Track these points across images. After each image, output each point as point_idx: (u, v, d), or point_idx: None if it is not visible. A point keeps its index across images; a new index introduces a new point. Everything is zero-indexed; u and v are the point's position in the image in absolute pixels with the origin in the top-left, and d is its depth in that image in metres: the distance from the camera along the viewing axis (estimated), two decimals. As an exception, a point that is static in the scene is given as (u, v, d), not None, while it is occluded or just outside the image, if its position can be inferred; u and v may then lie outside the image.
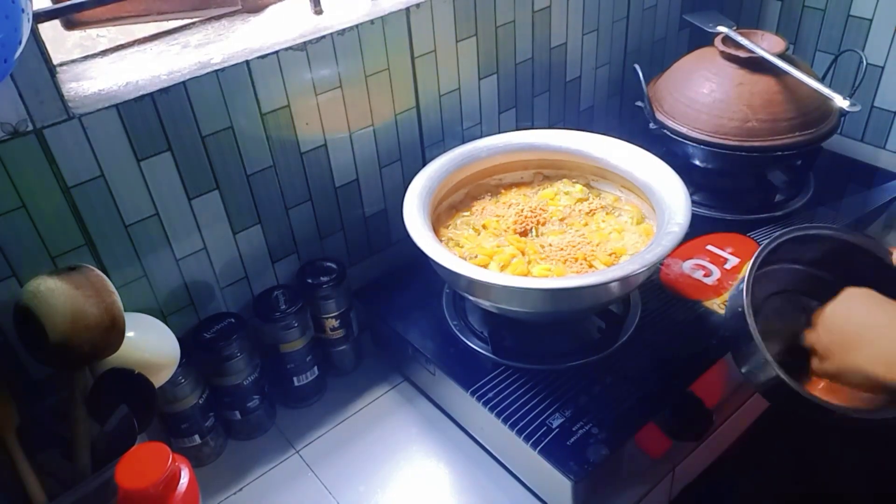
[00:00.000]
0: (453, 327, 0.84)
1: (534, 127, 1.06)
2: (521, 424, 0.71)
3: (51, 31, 0.71)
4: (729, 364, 0.79)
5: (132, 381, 0.62)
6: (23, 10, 0.48)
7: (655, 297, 0.85)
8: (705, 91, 0.96)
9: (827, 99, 0.90)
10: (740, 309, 0.65)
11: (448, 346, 0.82)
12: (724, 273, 0.88)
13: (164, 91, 0.69)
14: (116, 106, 0.66)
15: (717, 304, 0.83)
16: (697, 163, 0.99)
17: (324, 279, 0.84)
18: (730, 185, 1.02)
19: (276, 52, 0.75)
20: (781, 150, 0.92)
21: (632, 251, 0.79)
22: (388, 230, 0.96)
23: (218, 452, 0.82)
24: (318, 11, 0.82)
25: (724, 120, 0.93)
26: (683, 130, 0.96)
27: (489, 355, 0.79)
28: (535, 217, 0.85)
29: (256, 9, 0.84)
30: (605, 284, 0.70)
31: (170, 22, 0.81)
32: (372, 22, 0.81)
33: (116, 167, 0.69)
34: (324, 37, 0.78)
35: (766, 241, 0.70)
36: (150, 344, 0.68)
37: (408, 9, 0.83)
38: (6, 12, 0.47)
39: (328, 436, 0.84)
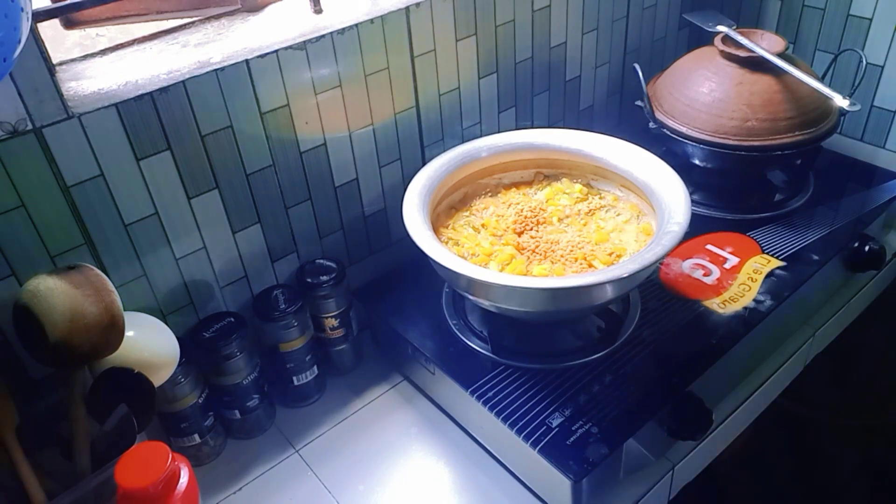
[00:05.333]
0: (453, 327, 0.84)
1: (533, 126, 1.07)
2: (521, 424, 0.71)
3: (50, 31, 0.71)
4: (729, 363, 0.79)
5: (132, 381, 0.62)
6: (22, 9, 0.48)
7: (655, 296, 0.85)
8: (705, 90, 0.96)
9: (827, 98, 0.90)
10: None
11: (448, 345, 0.82)
12: (724, 272, 0.88)
13: (163, 90, 0.69)
14: (116, 105, 0.66)
15: (717, 304, 0.83)
16: (697, 162, 0.99)
17: (323, 278, 0.84)
18: (729, 185, 1.02)
19: (276, 52, 0.75)
20: (781, 149, 0.92)
21: (631, 251, 0.79)
22: (387, 229, 0.96)
23: (217, 452, 0.82)
24: (318, 10, 0.82)
25: (723, 119, 0.93)
26: (683, 130, 0.96)
27: (489, 354, 0.79)
28: (535, 216, 0.85)
29: (256, 8, 0.84)
30: (604, 284, 0.70)
31: (169, 21, 0.81)
32: (371, 21, 0.81)
33: (116, 166, 0.69)
34: (323, 36, 0.78)
35: None
36: (150, 343, 0.68)
37: (407, 8, 0.83)
38: (5, 11, 0.47)
39: (328, 435, 0.84)
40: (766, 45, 0.95)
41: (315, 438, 0.83)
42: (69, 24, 0.75)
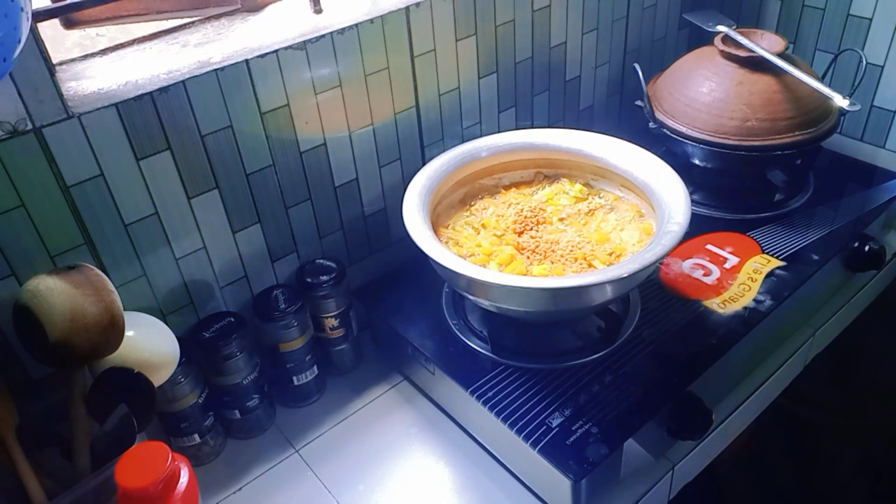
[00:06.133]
0: (453, 326, 0.84)
1: (533, 126, 1.07)
2: (521, 424, 0.71)
3: (50, 31, 0.71)
4: (729, 363, 0.79)
5: (132, 381, 0.62)
6: (22, 9, 0.48)
7: (655, 296, 0.85)
8: (705, 90, 0.96)
9: (826, 98, 0.90)
10: None
11: (448, 345, 0.82)
12: (724, 272, 0.88)
13: (163, 90, 0.69)
14: (116, 105, 0.66)
15: (717, 304, 0.83)
16: (697, 162, 0.99)
17: (323, 278, 0.84)
18: (729, 185, 1.02)
19: (276, 52, 0.75)
20: (781, 149, 0.92)
21: (631, 250, 0.79)
22: (387, 229, 0.96)
23: (217, 452, 0.82)
24: (318, 10, 0.82)
25: (723, 119, 0.93)
26: (683, 130, 0.96)
27: (489, 354, 0.79)
28: (535, 216, 0.85)
29: (256, 8, 0.84)
30: (604, 284, 0.70)
31: (169, 21, 0.81)
32: (371, 21, 0.81)
33: (116, 166, 0.69)
34: (323, 36, 0.78)
35: None
36: (150, 343, 0.68)
37: (407, 8, 0.83)
38: (5, 11, 0.47)
39: (328, 435, 0.84)
40: (766, 45, 0.95)
41: (315, 438, 0.83)
42: (69, 24, 0.75)
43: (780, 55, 0.93)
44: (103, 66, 0.73)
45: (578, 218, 0.85)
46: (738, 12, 1.24)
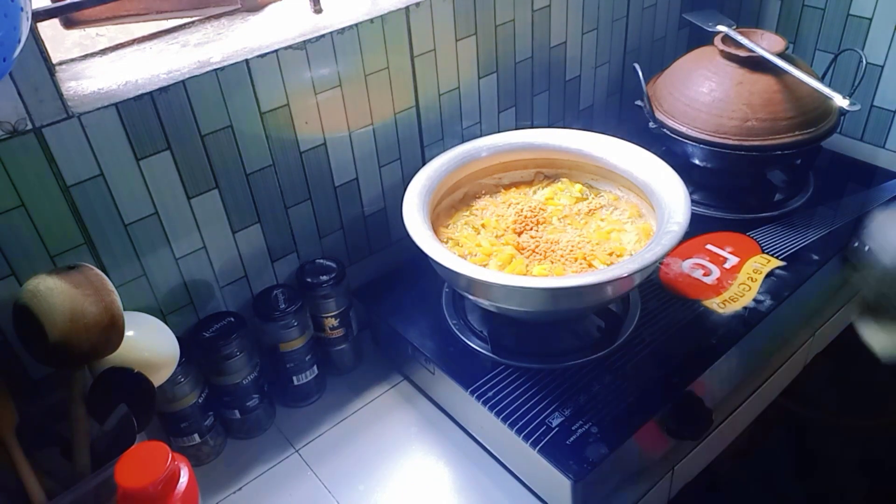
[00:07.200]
0: (453, 326, 0.84)
1: (533, 126, 1.07)
2: (521, 424, 0.71)
3: (50, 30, 0.71)
4: (729, 363, 0.79)
5: (131, 380, 0.62)
6: (22, 9, 0.48)
7: (655, 296, 0.85)
8: (705, 90, 0.96)
9: (826, 98, 0.90)
10: None
11: (448, 345, 0.82)
12: (724, 272, 0.88)
13: (163, 90, 0.69)
14: (116, 105, 0.66)
15: (717, 304, 0.83)
16: (697, 162, 0.99)
17: (323, 278, 0.84)
18: (729, 185, 1.02)
19: (276, 51, 0.75)
20: (781, 149, 0.92)
21: (631, 250, 0.79)
22: (387, 229, 0.96)
23: (217, 451, 0.82)
24: (318, 10, 0.82)
25: (723, 119, 0.93)
26: (683, 129, 0.96)
27: (489, 354, 0.79)
28: (535, 216, 0.85)
29: (256, 7, 0.84)
30: (604, 284, 0.70)
31: (169, 21, 0.81)
32: (371, 21, 0.81)
33: (116, 166, 0.69)
34: (323, 36, 0.78)
35: None
36: (150, 343, 0.68)
37: (407, 8, 0.83)
38: (5, 11, 0.47)
39: (328, 435, 0.84)
40: (766, 44, 0.96)
41: (315, 438, 0.83)
42: (69, 24, 0.75)
43: (780, 55, 0.93)
44: (103, 65, 0.73)
45: (578, 218, 0.85)
46: (738, 12, 1.24)
